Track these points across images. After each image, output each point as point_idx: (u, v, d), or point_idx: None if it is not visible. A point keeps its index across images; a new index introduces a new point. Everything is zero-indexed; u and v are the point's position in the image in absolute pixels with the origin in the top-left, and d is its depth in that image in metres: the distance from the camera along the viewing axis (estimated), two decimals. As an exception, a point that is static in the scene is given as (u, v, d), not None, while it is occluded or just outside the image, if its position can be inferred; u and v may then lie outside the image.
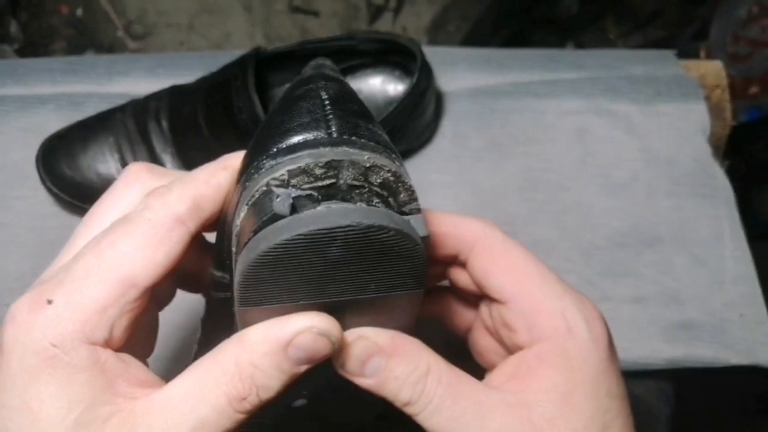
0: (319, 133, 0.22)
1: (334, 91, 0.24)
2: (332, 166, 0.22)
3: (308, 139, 0.22)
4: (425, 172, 0.51)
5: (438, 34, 1.27)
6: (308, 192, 0.22)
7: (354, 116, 0.23)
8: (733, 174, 0.53)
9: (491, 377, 0.27)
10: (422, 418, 0.24)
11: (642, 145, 0.53)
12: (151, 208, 0.24)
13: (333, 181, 0.22)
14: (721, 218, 0.51)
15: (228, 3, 1.30)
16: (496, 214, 0.50)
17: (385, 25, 1.30)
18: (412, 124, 0.47)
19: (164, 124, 0.45)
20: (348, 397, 0.27)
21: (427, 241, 0.23)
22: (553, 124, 0.53)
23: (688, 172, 0.52)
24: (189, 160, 0.45)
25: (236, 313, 0.23)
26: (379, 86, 0.50)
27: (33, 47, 1.18)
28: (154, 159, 0.45)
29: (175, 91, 0.47)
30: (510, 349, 0.27)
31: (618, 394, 0.27)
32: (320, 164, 0.22)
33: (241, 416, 0.23)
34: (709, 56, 0.89)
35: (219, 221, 0.26)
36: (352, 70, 0.50)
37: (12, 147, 0.50)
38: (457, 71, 0.55)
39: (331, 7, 1.31)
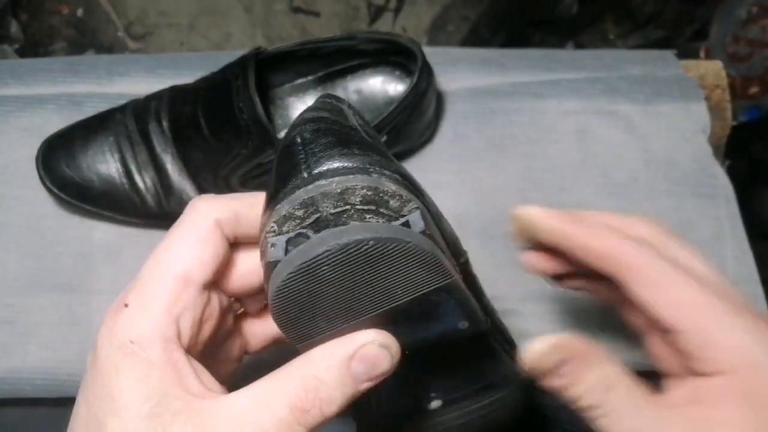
0: (296, 179, 0.24)
1: (309, 131, 0.25)
2: (308, 204, 0.24)
3: (287, 186, 0.24)
4: (425, 172, 0.51)
5: (438, 34, 1.27)
6: (298, 232, 0.24)
7: (328, 148, 0.25)
8: (733, 174, 0.53)
9: (670, 396, 0.27)
10: (602, 424, 0.25)
11: (642, 145, 0.53)
12: (197, 211, 0.27)
13: (317, 215, 0.24)
14: (721, 218, 0.51)
15: (228, 3, 1.30)
16: (496, 214, 0.50)
17: (385, 25, 1.30)
18: (413, 124, 0.47)
19: (165, 124, 0.45)
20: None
21: (429, 235, 0.24)
22: (553, 125, 0.53)
23: (689, 173, 0.52)
24: (189, 161, 0.45)
25: (299, 349, 0.25)
26: (380, 86, 0.50)
27: (33, 47, 1.18)
28: (155, 159, 0.45)
29: (175, 91, 0.47)
30: (686, 368, 0.27)
31: None
32: (296, 206, 0.24)
33: (304, 430, 0.23)
34: (709, 56, 0.89)
35: None
36: (353, 71, 0.50)
37: (12, 147, 0.50)
38: (457, 71, 0.55)
39: (332, 8, 1.31)
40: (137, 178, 0.46)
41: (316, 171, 0.24)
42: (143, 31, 1.26)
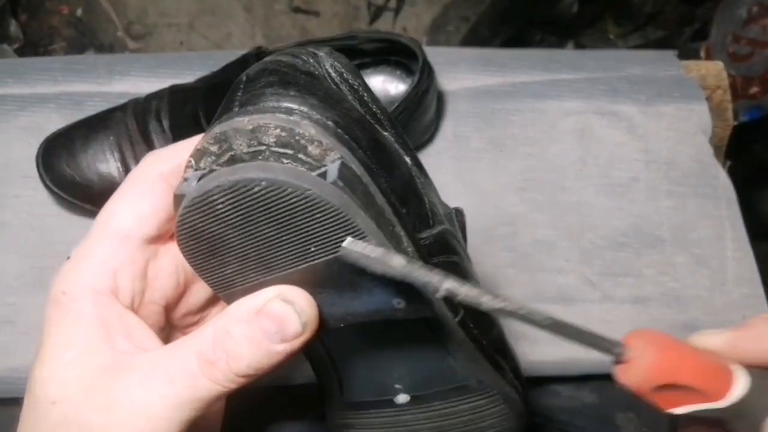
0: (225, 115, 0.23)
1: (255, 70, 0.24)
2: (221, 139, 0.22)
3: (213, 122, 0.23)
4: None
5: (438, 34, 1.27)
6: (210, 168, 0.23)
7: (264, 87, 0.23)
8: (734, 174, 0.53)
9: None
10: None
11: (643, 145, 0.53)
12: (141, 166, 0.26)
13: (231, 153, 0.22)
14: (722, 218, 0.51)
15: (228, 3, 1.29)
16: (496, 214, 0.50)
17: (385, 25, 1.30)
18: (414, 123, 0.47)
19: (165, 123, 0.45)
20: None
21: (342, 187, 0.22)
22: (554, 125, 0.53)
23: (689, 173, 0.52)
24: (189, 160, 0.45)
25: (223, 299, 0.25)
26: (381, 86, 0.50)
27: (33, 47, 1.18)
28: (155, 158, 0.45)
29: (176, 91, 0.47)
30: None
31: None
32: (209, 141, 0.23)
33: (214, 387, 0.23)
34: (710, 56, 0.89)
35: None
36: (353, 70, 0.50)
37: (12, 146, 0.50)
38: (458, 71, 0.55)
39: (332, 8, 1.31)
40: (137, 177, 0.45)
41: (241, 108, 0.23)
42: (143, 31, 1.26)
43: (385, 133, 0.27)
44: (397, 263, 0.22)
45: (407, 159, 0.28)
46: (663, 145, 0.53)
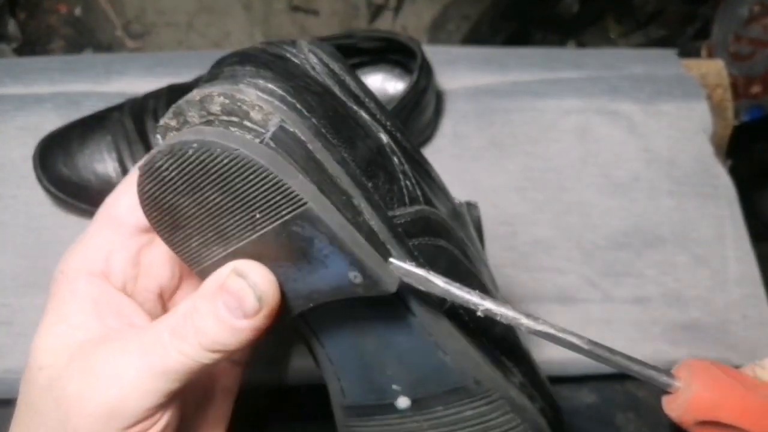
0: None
1: (226, 56, 0.26)
2: (177, 113, 0.24)
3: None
4: (425, 171, 0.51)
5: (438, 33, 1.27)
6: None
7: (224, 66, 0.25)
8: (735, 174, 0.53)
9: None
10: None
11: (643, 144, 0.52)
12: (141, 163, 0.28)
13: (187, 126, 0.24)
14: (723, 218, 0.51)
15: (227, 2, 1.29)
16: (496, 214, 0.50)
17: (385, 24, 1.30)
18: (412, 122, 0.47)
19: (162, 123, 0.45)
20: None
21: (274, 148, 0.22)
22: (554, 124, 0.53)
23: (690, 172, 0.52)
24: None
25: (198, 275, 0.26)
26: (379, 85, 0.50)
27: (31, 46, 1.18)
28: (152, 158, 0.45)
29: (173, 90, 0.47)
30: None
31: None
32: (169, 116, 0.24)
33: (184, 360, 0.23)
34: (711, 55, 0.89)
35: None
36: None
37: (9, 146, 0.50)
38: (458, 70, 0.54)
39: (331, 6, 1.30)
40: (135, 177, 0.45)
41: (200, 84, 0.24)
42: (142, 30, 1.26)
43: (359, 110, 0.27)
44: (439, 282, 0.23)
45: (383, 137, 0.28)
46: (664, 145, 0.53)
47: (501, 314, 0.24)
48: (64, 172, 0.45)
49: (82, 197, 0.46)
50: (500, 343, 0.30)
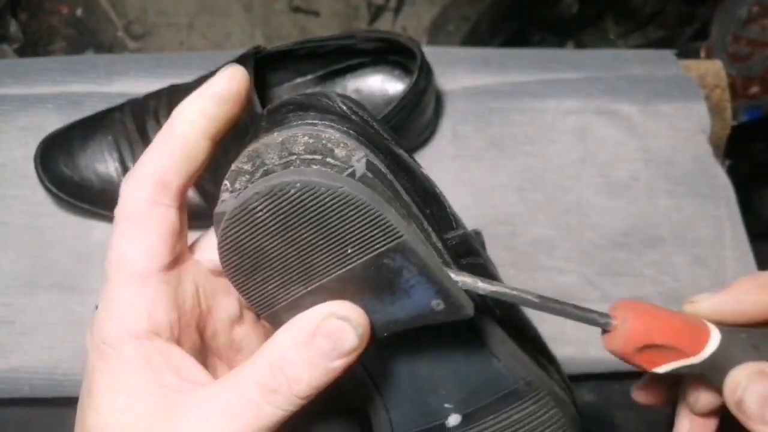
0: (249, 141, 0.25)
1: (274, 105, 0.27)
2: (253, 157, 0.24)
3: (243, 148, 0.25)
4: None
5: (438, 34, 1.27)
6: (246, 186, 0.24)
7: (285, 113, 0.25)
8: (734, 174, 0.53)
9: None
10: None
11: (642, 145, 0.53)
12: (126, 200, 0.26)
13: (264, 168, 0.24)
14: (722, 218, 0.51)
15: (228, 3, 1.29)
16: (495, 214, 0.50)
17: (385, 25, 1.30)
18: (412, 123, 0.47)
19: (163, 123, 0.45)
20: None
21: (370, 183, 0.23)
22: (553, 124, 0.53)
23: (689, 172, 0.52)
24: (188, 160, 0.45)
25: (268, 323, 0.25)
26: (379, 85, 0.50)
27: (33, 47, 1.18)
28: (153, 158, 0.45)
29: (174, 90, 0.47)
30: None
31: None
32: (243, 160, 0.24)
33: (278, 412, 0.23)
34: (709, 56, 0.89)
35: None
36: (352, 70, 0.50)
37: (11, 146, 0.50)
38: (457, 71, 0.55)
39: (332, 7, 1.31)
40: (136, 177, 0.45)
41: (269, 130, 0.25)
42: (143, 31, 1.26)
43: (399, 150, 0.29)
44: (506, 289, 0.24)
45: (423, 171, 0.29)
46: (662, 145, 0.53)
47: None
48: (65, 173, 0.46)
49: (83, 197, 0.46)
50: (535, 344, 0.31)
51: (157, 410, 0.24)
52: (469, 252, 0.29)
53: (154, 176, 0.25)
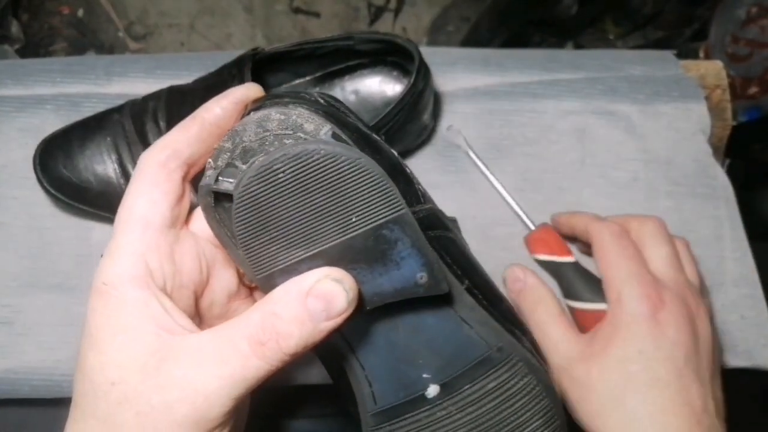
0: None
1: (272, 96, 0.29)
2: (232, 135, 0.27)
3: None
4: (423, 172, 0.51)
5: (438, 34, 1.27)
6: (227, 162, 0.27)
7: (266, 100, 0.28)
8: (733, 174, 0.53)
9: None
10: None
11: (642, 145, 0.53)
12: (142, 161, 0.29)
13: (243, 144, 0.26)
14: (721, 219, 0.51)
15: (229, 4, 1.30)
16: (494, 215, 0.50)
17: (385, 25, 1.30)
18: (410, 124, 0.47)
19: (162, 124, 0.45)
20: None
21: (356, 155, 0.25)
22: (552, 125, 0.53)
23: (688, 173, 0.52)
24: (187, 161, 0.45)
25: (260, 286, 0.27)
26: (377, 87, 0.50)
27: (34, 48, 1.18)
28: (152, 159, 0.45)
29: (173, 92, 0.47)
30: None
31: (653, 357, 0.35)
32: (224, 139, 0.27)
33: (264, 365, 0.25)
34: (709, 57, 0.89)
35: None
36: (350, 71, 0.50)
37: (10, 147, 0.50)
38: (456, 72, 0.55)
39: (332, 8, 1.31)
40: (135, 178, 0.45)
41: (247, 114, 0.27)
42: (144, 32, 1.27)
43: (368, 131, 0.31)
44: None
45: (393, 152, 0.31)
46: (662, 145, 0.53)
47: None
48: (64, 174, 0.46)
49: (82, 198, 0.46)
50: (508, 315, 0.33)
51: (152, 351, 0.25)
52: (436, 225, 0.31)
53: (167, 146, 0.29)
